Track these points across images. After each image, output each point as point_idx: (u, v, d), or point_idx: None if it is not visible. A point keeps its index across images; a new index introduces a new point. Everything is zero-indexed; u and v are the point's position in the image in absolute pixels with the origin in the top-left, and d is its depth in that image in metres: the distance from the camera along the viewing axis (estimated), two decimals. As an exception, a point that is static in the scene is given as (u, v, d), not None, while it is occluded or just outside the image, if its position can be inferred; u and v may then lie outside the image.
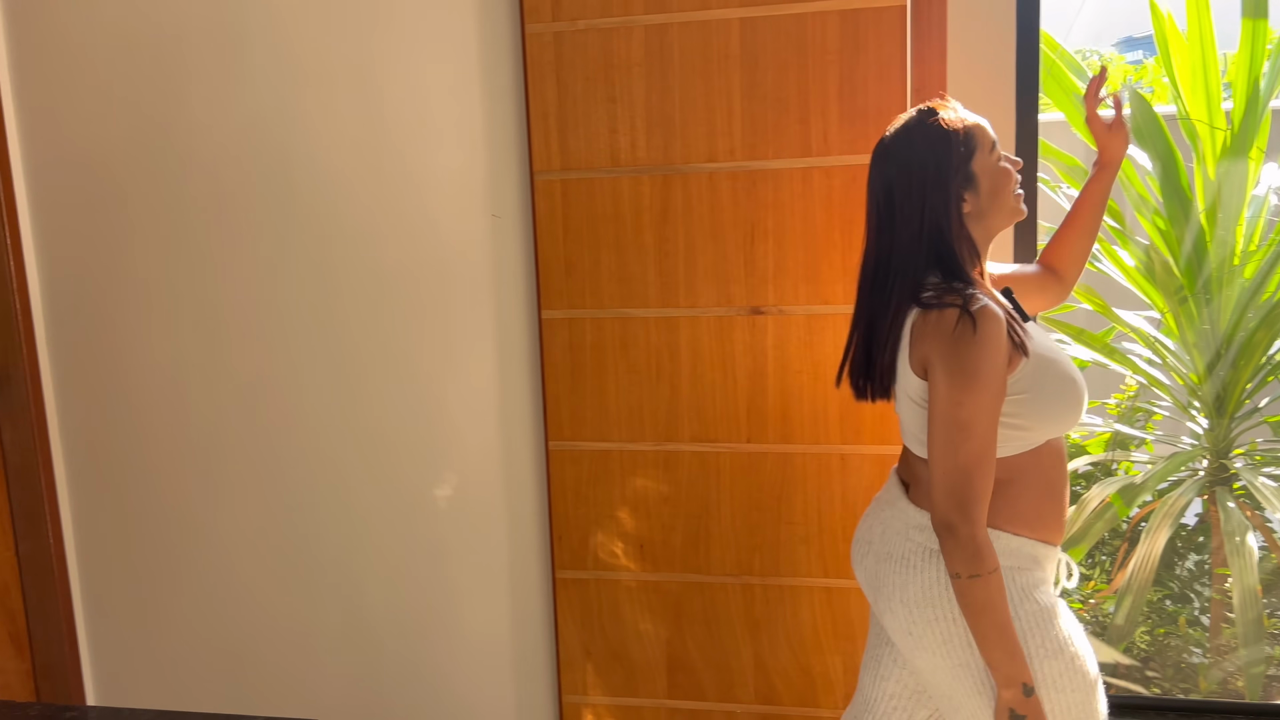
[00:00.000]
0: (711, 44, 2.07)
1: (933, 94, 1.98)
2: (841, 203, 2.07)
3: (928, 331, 1.47)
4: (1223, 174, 2.68)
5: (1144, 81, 3.38)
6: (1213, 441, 2.76)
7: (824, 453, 2.16)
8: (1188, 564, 2.86)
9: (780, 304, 2.13)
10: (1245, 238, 2.72)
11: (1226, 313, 2.68)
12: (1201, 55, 2.62)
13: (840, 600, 2.21)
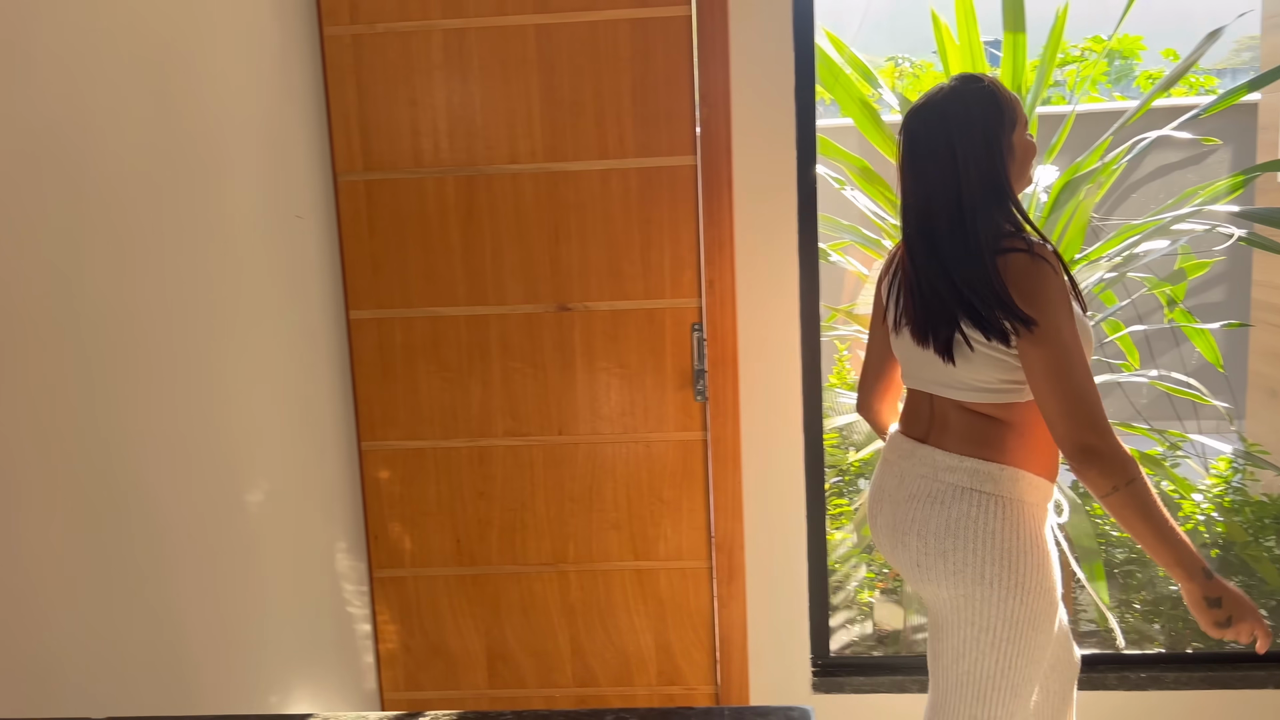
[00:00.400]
0: (509, 49, 2.13)
1: (718, 99, 2.11)
2: (639, 202, 2.17)
3: (1011, 275, 1.49)
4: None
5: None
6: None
7: (631, 441, 2.26)
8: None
9: (586, 301, 2.21)
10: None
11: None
12: (972, 64, 2.85)
13: (650, 581, 2.31)
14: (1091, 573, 2.38)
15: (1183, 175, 2.98)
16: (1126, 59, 7.60)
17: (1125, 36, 7.65)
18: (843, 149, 2.86)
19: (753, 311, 2.22)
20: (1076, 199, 2.65)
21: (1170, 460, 2.94)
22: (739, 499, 2.25)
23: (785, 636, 2.33)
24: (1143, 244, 2.82)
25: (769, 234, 2.19)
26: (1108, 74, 7.66)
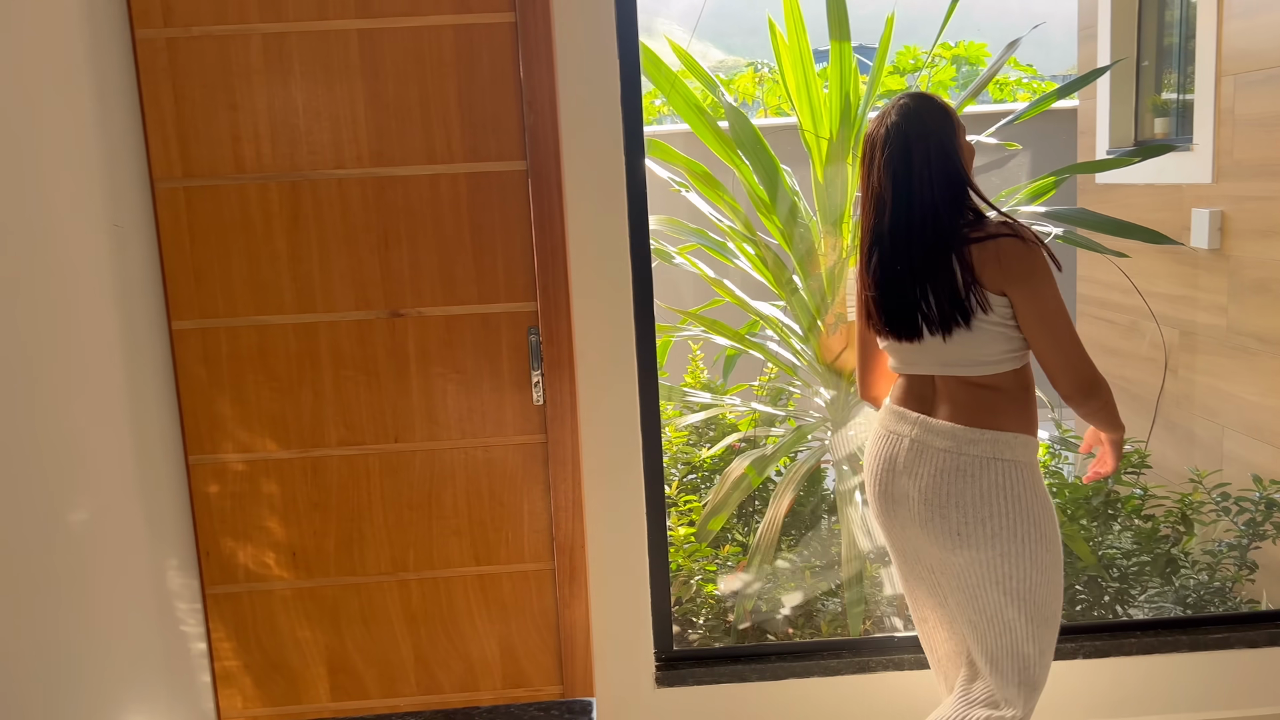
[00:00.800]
0: (332, 53, 2.11)
1: (544, 104, 2.13)
2: (470, 207, 2.17)
3: (997, 257, 1.72)
4: (829, 178, 3.04)
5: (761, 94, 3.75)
6: (834, 414, 3.12)
7: (470, 447, 2.26)
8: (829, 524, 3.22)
9: (419, 306, 2.20)
10: (851, 234, 3.10)
11: (836, 301, 3.04)
12: (803, 71, 2.95)
13: (492, 585, 2.31)
14: (918, 557, 2.49)
15: (986, 179, 3.14)
16: (973, 65, 7.97)
17: (970, 44, 8.02)
18: (681, 154, 2.92)
19: (589, 314, 2.25)
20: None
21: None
22: (579, 500, 2.28)
23: (629, 633, 2.37)
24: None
25: (601, 237, 2.22)
26: (956, 79, 8.02)
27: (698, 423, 3.66)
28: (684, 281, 3.41)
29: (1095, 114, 3.87)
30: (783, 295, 3.02)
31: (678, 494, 3.10)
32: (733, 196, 2.99)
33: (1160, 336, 3.47)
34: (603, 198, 2.21)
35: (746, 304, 3.13)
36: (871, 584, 2.76)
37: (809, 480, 3.27)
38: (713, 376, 3.81)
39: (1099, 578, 2.71)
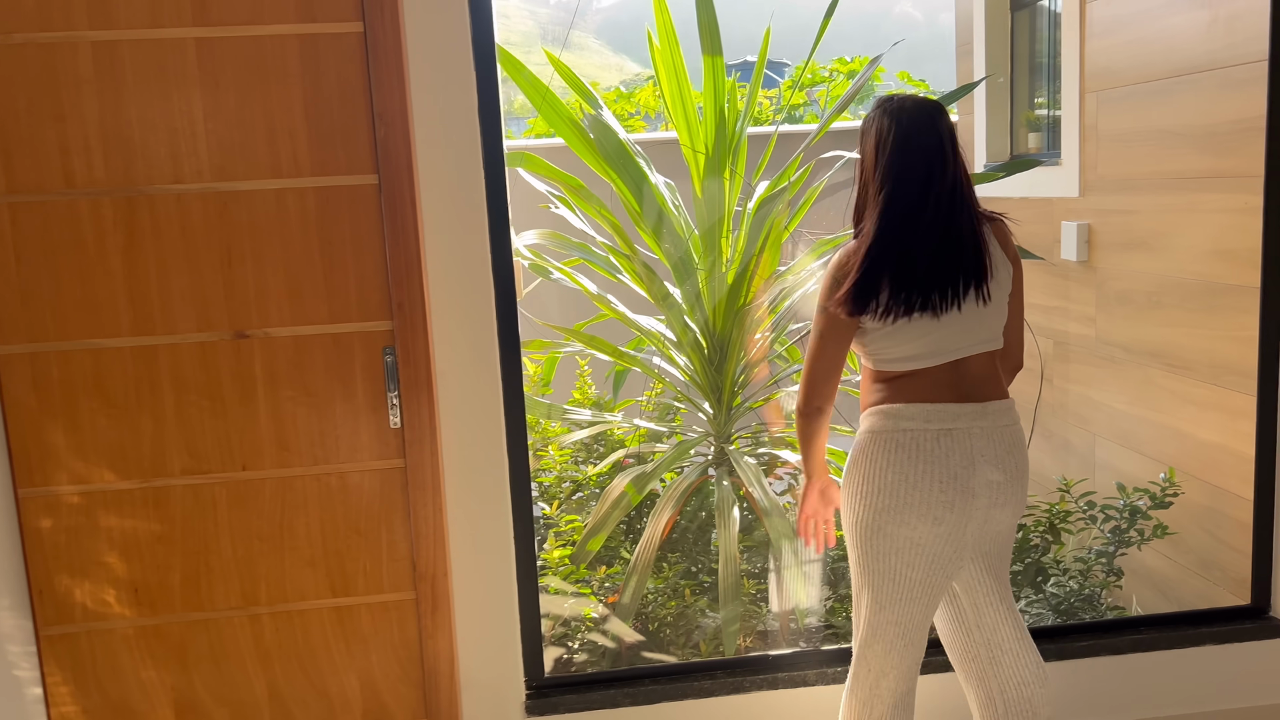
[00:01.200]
0: (168, 63, 2.00)
1: (395, 116, 2.06)
2: (319, 223, 2.08)
3: (1004, 236, 1.95)
4: (707, 192, 3.03)
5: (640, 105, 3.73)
6: (716, 429, 3.10)
7: (324, 473, 2.17)
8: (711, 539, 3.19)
9: (265, 327, 2.10)
10: (731, 248, 3.09)
11: (717, 316, 3.02)
12: (678, 85, 2.93)
13: (351, 618, 2.22)
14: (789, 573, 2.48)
15: (845, 195, 3.17)
16: (870, 80, 8.12)
17: (865, 59, 8.16)
18: (555, 167, 2.88)
19: (449, 333, 2.18)
20: (771, 216, 2.77)
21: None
22: (441, 527, 2.20)
23: (497, 662, 2.30)
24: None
25: (461, 253, 2.15)
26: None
27: (586, 440, 3.61)
28: (571, 296, 3.36)
29: (973, 129, 3.94)
30: (661, 309, 2.99)
31: (559, 514, 3.04)
32: (610, 210, 2.95)
33: (1036, 346, 3.54)
34: (461, 212, 2.14)
35: (626, 318, 3.09)
36: (749, 601, 2.74)
37: (696, 495, 3.25)
38: (601, 392, 3.77)
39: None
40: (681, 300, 2.97)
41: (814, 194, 3.12)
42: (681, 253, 2.89)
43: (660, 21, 2.83)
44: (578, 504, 3.35)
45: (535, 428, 3.57)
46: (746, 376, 3.11)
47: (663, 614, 2.82)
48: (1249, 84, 2.42)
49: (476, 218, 2.15)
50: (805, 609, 3.03)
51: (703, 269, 3.04)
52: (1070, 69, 3.18)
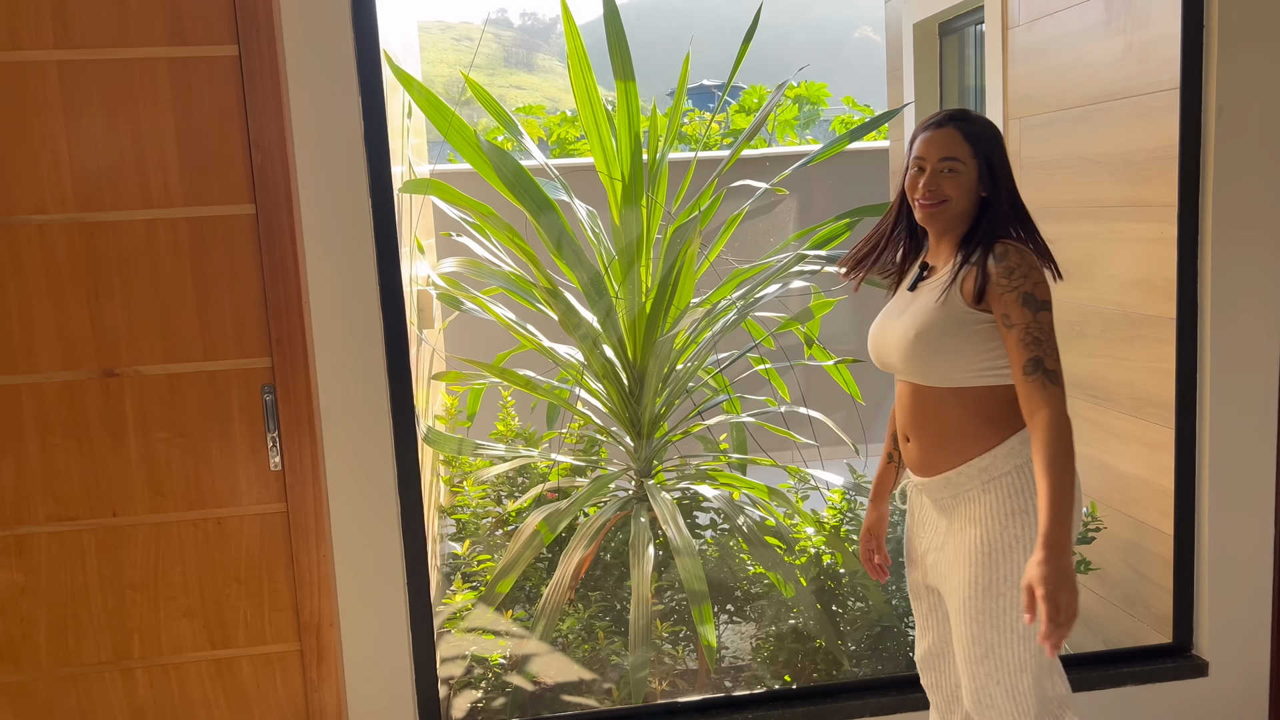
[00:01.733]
0: (27, 86, 1.89)
1: (273, 144, 1.96)
2: (192, 254, 1.98)
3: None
4: (624, 220, 2.95)
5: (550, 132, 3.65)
6: (637, 463, 3.01)
7: (200, 519, 2.05)
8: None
9: (136, 364, 1.99)
10: (651, 277, 3.01)
11: (635, 346, 2.94)
12: (592, 113, 2.86)
13: (231, 671, 2.09)
14: (700, 615, 2.39)
15: (753, 224, 3.13)
16: (814, 104, 8.13)
17: (811, 84, 8.18)
18: (464, 194, 2.78)
19: (334, 369, 2.07)
20: (685, 245, 2.70)
21: (801, 492, 3.05)
22: (326, 573, 2.09)
23: (389, 714, 2.18)
24: (770, 285, 2.92)
25: (346, 285, 2.05)
26: (798, 118, 8.16)
27: (507, 474, 3.51)
28: (495, 326, 3.26)
29: (904, 155, 3.90)
30: (574, 339, 2.89)
31: (471, 554, 2.93)
32: (523, 238, 2.86)
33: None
34: (346, 243, 2.04)
35: (543, 347, 3.00)
36: (664, 644, 2.65)
37: (623, 531, 3.15)
38: (526, 424, 3.67)
39: (893, 627, 2.66)
40: (600, 328, 2.88)
41: (735, 221, 3.05)
42: (590, 279, 2.80)
43: (571, 46, 2.75)
44: (497, 541, 3.24)
45: (453, 463, 3.46)
46: (667, 408, 3.03)
47: (578, 657, 2.71)
48: (1162, 112, 2.39)
49: (362, 248, 2.05)
50: (726, 651, 2.94)
51: (621, 298, 2.96)
52: (994, 95, 3.15)
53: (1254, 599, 2.41)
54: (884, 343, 1.85)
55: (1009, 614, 1.70)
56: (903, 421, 1.86)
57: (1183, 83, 2.26)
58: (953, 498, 1.79)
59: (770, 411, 3.16)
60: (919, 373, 1.79)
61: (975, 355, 1.74)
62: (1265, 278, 2.30)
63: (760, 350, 3.26)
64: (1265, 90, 2.23)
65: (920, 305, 1.80)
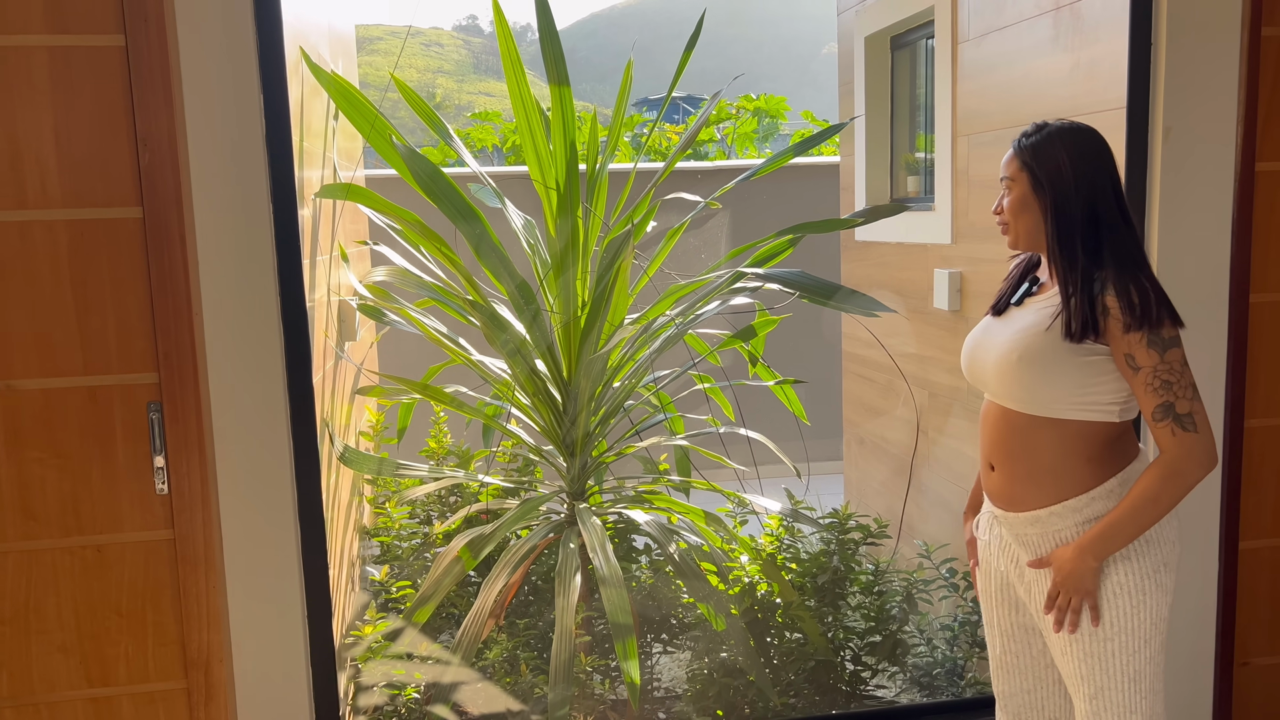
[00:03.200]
0: (-111, 73, 1.73)
1: (162, 142, 1.81)
2: (71, 260, 1.82)
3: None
4: (559, 230, 2.83)
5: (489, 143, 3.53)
6: (569, 484, 2.88)
7: (77, 546, 1.89)
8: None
9: (8, 378, 1.83)
10: (588, 290, 2.89)
11: (569, 362, 2.81)
12: (526, 120, 2.74)
13: (110, 711, 1.93)
14: (624, 650, 2.26)
15: (685, 239, 3.03)
16: (773, 117, 8.07)
17: (770, 96, 8.12)
18: (389, 202, 2.65)
19: (228, 386, 1.93)
20: (619, 258, 2.58)
21: (740, 517, 2.94)
22: (216, 606, 1.94)
23: (286, 757, 2.03)
24: (710, 302, 2.81)
25: (242, 297, 1.91)
26: (757, 130, 8.09)
27: (437, 494, 3.36)
28: (409, 343, 3.12)
29: (854, 170, 3.83)
30: (501, 354, 2.76)
31: (389, 580, 2.79)
32: (451, 247, 2.73)
33: (913, 397, 3.41)
34: (243, 251, 1.90)
35: (473, 362, 2.87)
36: (582, 680, 2.52)
37: (551, 554, 3.02)
38: (459, 441, 3.53)
39: (829, 660, 2.55)
40: (528, 341, 2.75)
41: (675, 235, 2.94)
42: (517, 288, 2.66)
43: (505, 50, 2.63)
44: (424, 564, 3.09)
45: (378, 482, 3.31)
46: (602, 428, 2.91)
47: (503, 689, 2.58)
48: (1109, 131, 2.31)
49: (261, 257, 1.91)
50: (659, 682, 2.82)
51: (556, 311, 2.83)
52: (943, 112, 3.08)
53: (1195, 638, 2.33)
54: (981, 360, 1.73)
55: (1118, 658, 1.63)
56: (988, 447, 1.73)
57: (1129, 102, 2.18)
58: (1040, 536, 1.67)
59: (709, 432, 3.05)
60: (1016, 397, 1.65)
61: (1081, 388, 1.61)
62: (1209, 297, 2.22)
63: (701, 368, 3.15)
64: (1213, 112, 2.16)
65: (1025, 325, 1.66)
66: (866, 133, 3.71)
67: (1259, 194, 2.20)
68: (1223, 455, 2.26)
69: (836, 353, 4.06)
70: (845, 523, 2.62)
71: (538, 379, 2.78)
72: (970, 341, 1.78)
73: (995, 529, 1.77)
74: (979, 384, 1.76)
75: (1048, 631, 1.70)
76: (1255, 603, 2.34)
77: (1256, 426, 2.28)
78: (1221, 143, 2.17)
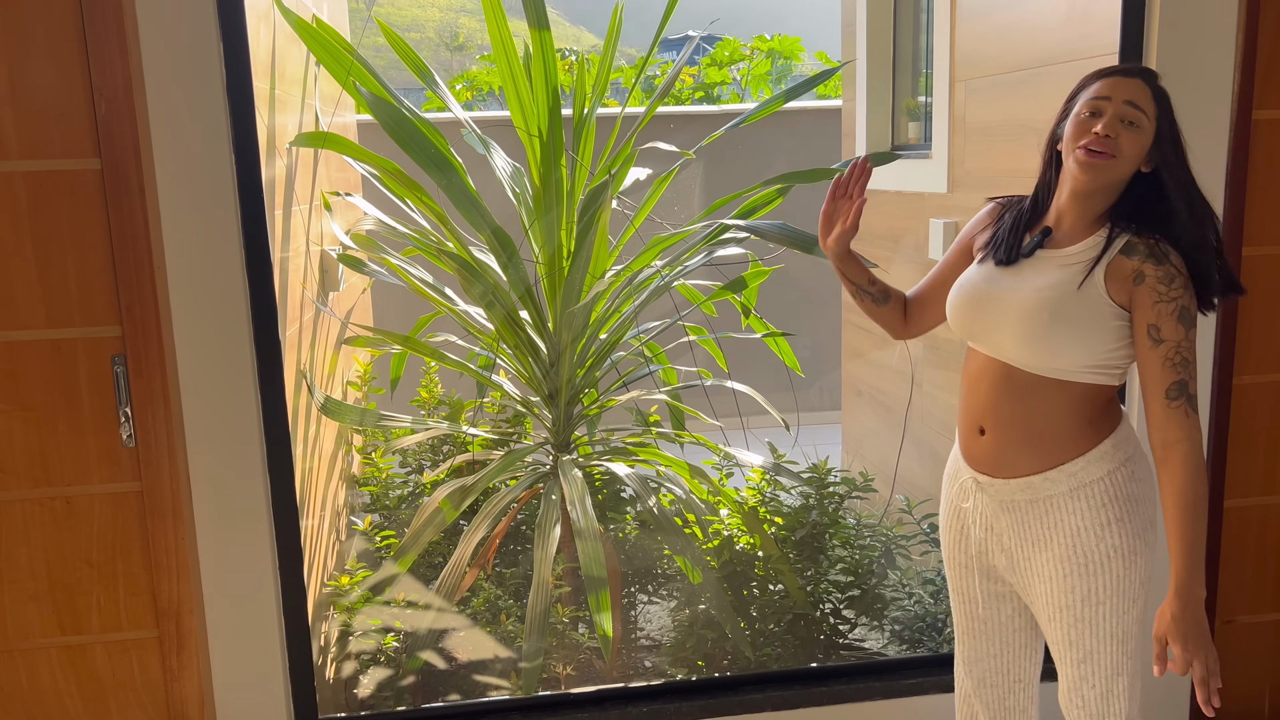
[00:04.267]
0: None
1: (118, 92, 1.78)
2: (31, 212, 1.81)
3: None
4: (544, 180, 2.78)
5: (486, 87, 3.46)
6: (554, 436, 2.87)
7: (46, 498, 1.90)
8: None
9: (-29, 331, 1.83)
10: (573, 239, 2.85)
11: (552, 312, 2.79)
12: (508, 64, 2.68)
13: (84, 659, 1.96)
14: (597, 603, 2.27)
15: (684, 183, 2.97)
16: (787, 59, 7.90)
17: (784, 37, 7.95)
18: (365, 149, 2.61)
19: (194, 338, 1.92)
20: (598, 208, 2.54)
21: (726, 469, 2.92)
22: (185, 557, 1.95)
23: (260, 704, 2.06)
24: (698, 253, 2.76)
25: (206, 248, 1.89)
26: (770, 73, 7.93)
27: (427, 444, 3.37)
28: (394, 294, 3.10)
29: (855, 116, 3.74)
30: (479, 305, 2.73)
31: (372, 530, 2.80)
32: (432, 197, 2.69)
33: (908, 350, 3.36)
34: (206, 201, 1.88)
35: (457, 312, 2.85)
36: (560, 630, 2.53)
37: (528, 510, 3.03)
38: (451, 391, 3.52)
39: (807, 614, 2.54)
40: (508, 290, 2.72)
41: (663, 184, 2.89)
42: (494, 233, 2.61)
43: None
44: (405, 516, 3.10)
45: (368, 431, 3.32)
46: (589, 380, 2.89)
47: (486, 637, 2.60)
48: (1101, 78, 2.23)
49: (224, 207, 1.89)
50: (642, 632, 2.83)
51: (540, 261, 2.80)
52: (942, 56, 2.98)
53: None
54: (992, 314, 1.60)
55: (1109, 621, 1.61)
56: (981, 408, 1.64)
57: (1122, 48, 2.10)
58: (1029, 502, 1.62)
59: (696, 385, 3.02)
60: (1034, 357, 1.56)
61: (1101, 351, 1.54)
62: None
63: (693, 319, 3.12)
64: (1209, 57, 2.08)
65: (1051, 281, 1.57)
66: (868, 77, 3.61)
67: (1255, 143, 2.12)
68: (1211, 412, 2.21)
69: (837, 303, 4.01)
70: (825, 476, 2.59)
71: (520, 330, 2.75)
72: (971, 291, 1.65)
73: (977, 497, 1.69)
74: (980, 338, 1.64)
75: (1033, 599, 1.67)
76: (1242, 561, 2.31)
77: (1247, 383, 2.23)
78: (1218, 89, 2.09)
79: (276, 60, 2.52)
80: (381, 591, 2.62)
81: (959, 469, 1.74)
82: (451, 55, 28.83)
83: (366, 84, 2.51)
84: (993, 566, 1.73)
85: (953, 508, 1.76)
